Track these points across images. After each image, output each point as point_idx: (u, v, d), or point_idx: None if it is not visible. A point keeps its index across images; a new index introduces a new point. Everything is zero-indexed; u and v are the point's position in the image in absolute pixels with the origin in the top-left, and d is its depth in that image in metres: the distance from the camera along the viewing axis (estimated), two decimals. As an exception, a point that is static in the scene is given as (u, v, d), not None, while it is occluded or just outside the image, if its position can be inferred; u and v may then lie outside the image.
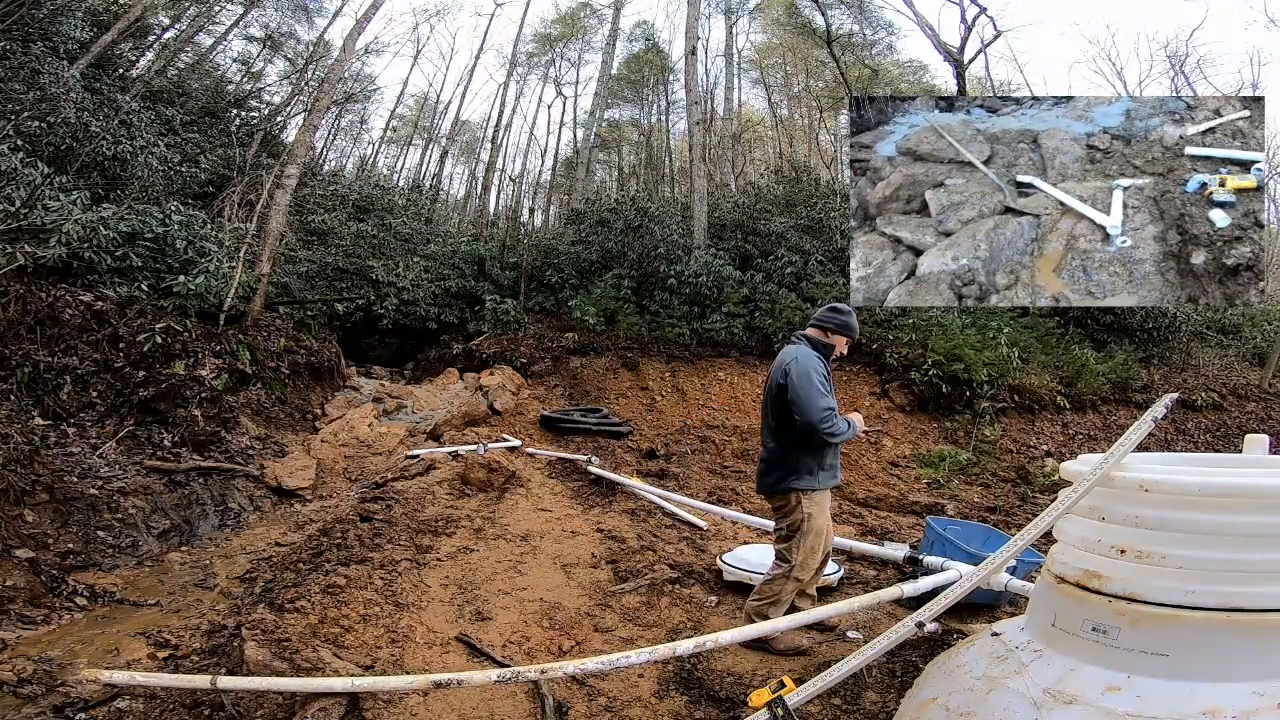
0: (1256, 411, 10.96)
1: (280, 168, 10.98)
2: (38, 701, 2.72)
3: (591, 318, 11.70)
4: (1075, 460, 1.89)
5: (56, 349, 6.07)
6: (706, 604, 3.65)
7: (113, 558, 4.51)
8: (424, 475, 5.98)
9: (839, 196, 13.90)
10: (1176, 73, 17.40)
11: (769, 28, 25.37)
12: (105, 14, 12.61)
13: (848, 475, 8.27)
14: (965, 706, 1.65)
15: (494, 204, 24.75)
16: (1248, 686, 1.40)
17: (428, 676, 2.43)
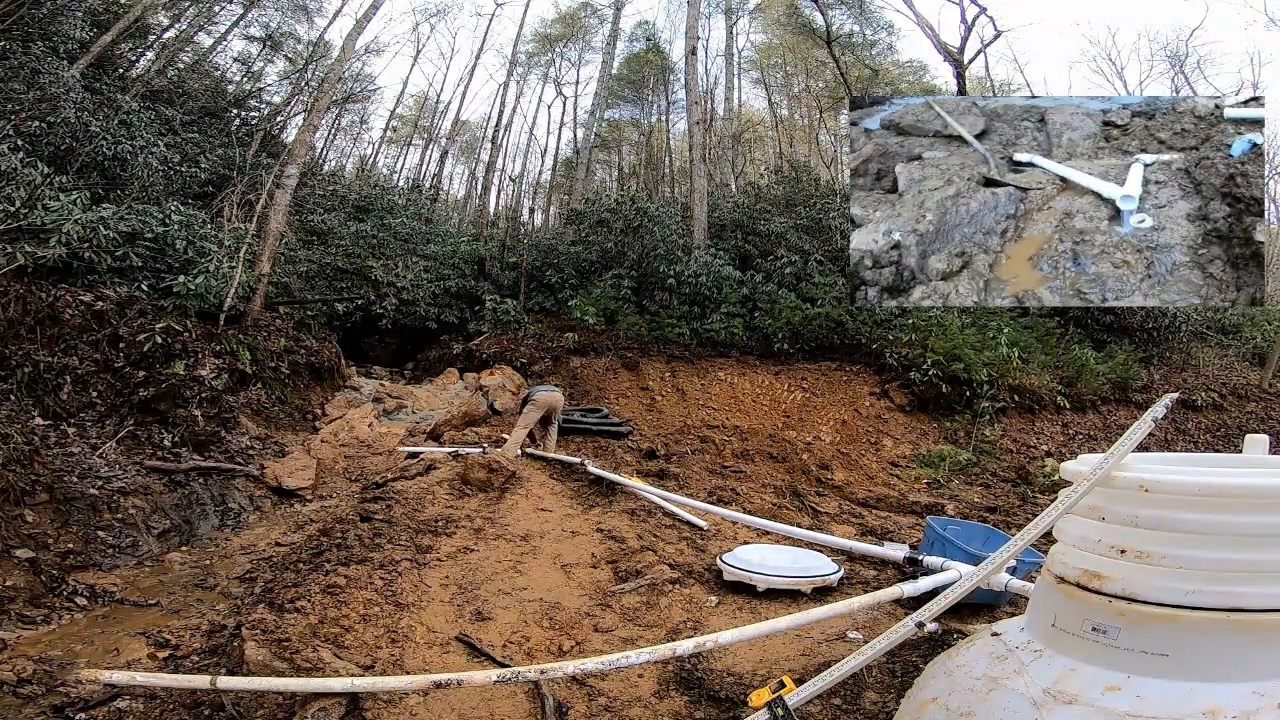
0: (1256, 411, 10.95)
1: (280, 168, 10.98)
2: (38, 701, 2.72)
3: (591, 318, 11.70)
4: (1075, 460, 1.88)
5: (56, 349, 6.07)
6: (706, 604, 3.65)
7: (113, 558, 4.51)
8: (424, 475, 5.98)
9: (839, 196, 13.90)
10: (1176, 73, 17.41)
11: (769, 28, 25.39)
12: (105, 14, 12.61)
13: (848, 475, 8.28)
14: (965, 706, 1.65)
15: (494, 204, 24.79)
16: (1248, 686, 1.40)
17: (428, 676, 2.43)
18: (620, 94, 26.23)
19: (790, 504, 6.38)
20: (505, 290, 14.16)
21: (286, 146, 14.10)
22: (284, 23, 20.13)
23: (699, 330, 11.68)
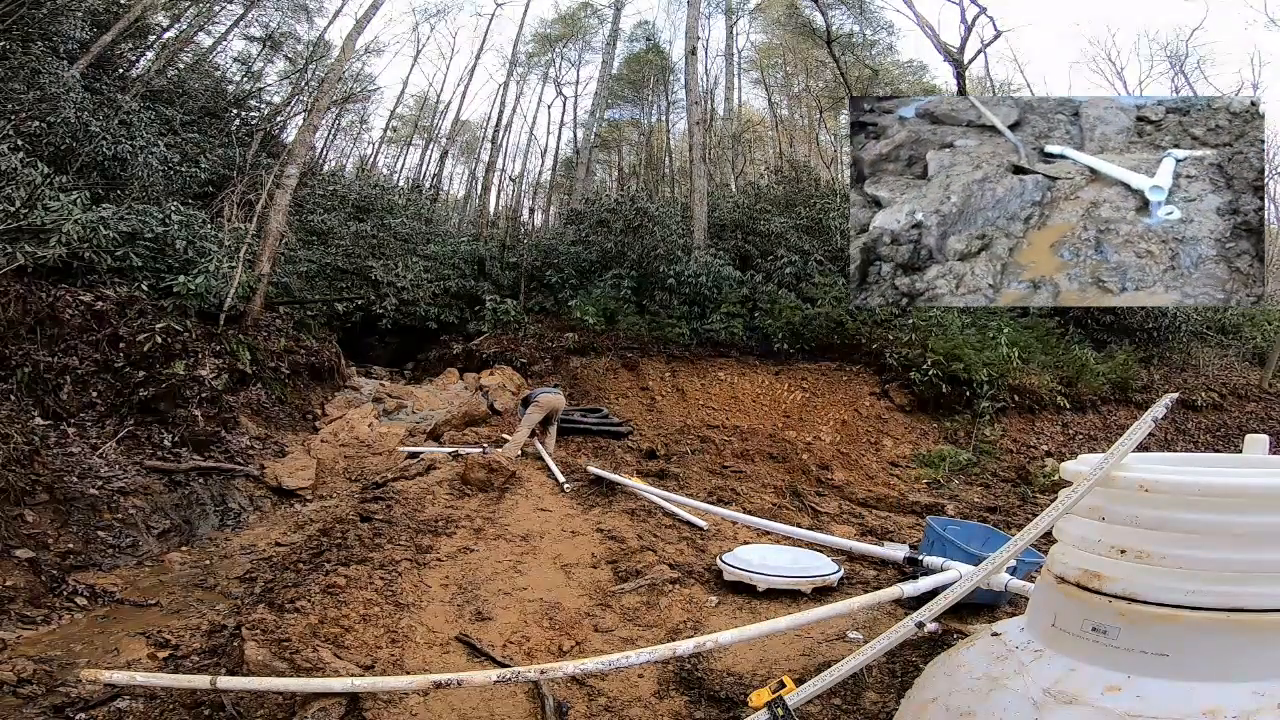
0: (1256, 411, 10.95)
1: (280, 168, 10.98)
2: (38, 701, 2.72)
3: (591, 318, 11.70)
4: (1075, 460, 1.88)
5: (56, 349, 6.07)
6: (706, 604, 3.64)
7: (113, 558, 4.51)
8: (424, 475, 5.98)
9: (839, 196, 13.91)
10: (1176, 73, 17.42)
11: (769, 28, 25.39)
12: (105, 14, 12.61)
13: (848, 475, 8.28)
14: (965, 706, 1.65)
15: (494, 204, 24.79)
16: (1248, 686, 1.40)
17: (428, 676, 2.42)
18: (620, 94, 26.22)
19: (790, 504, 6.38)
20: (505, 290, 14.16)
21: (286, 146, 14.10)
22: (284, 23, 20.15)
23: (699, 330, 11.68)
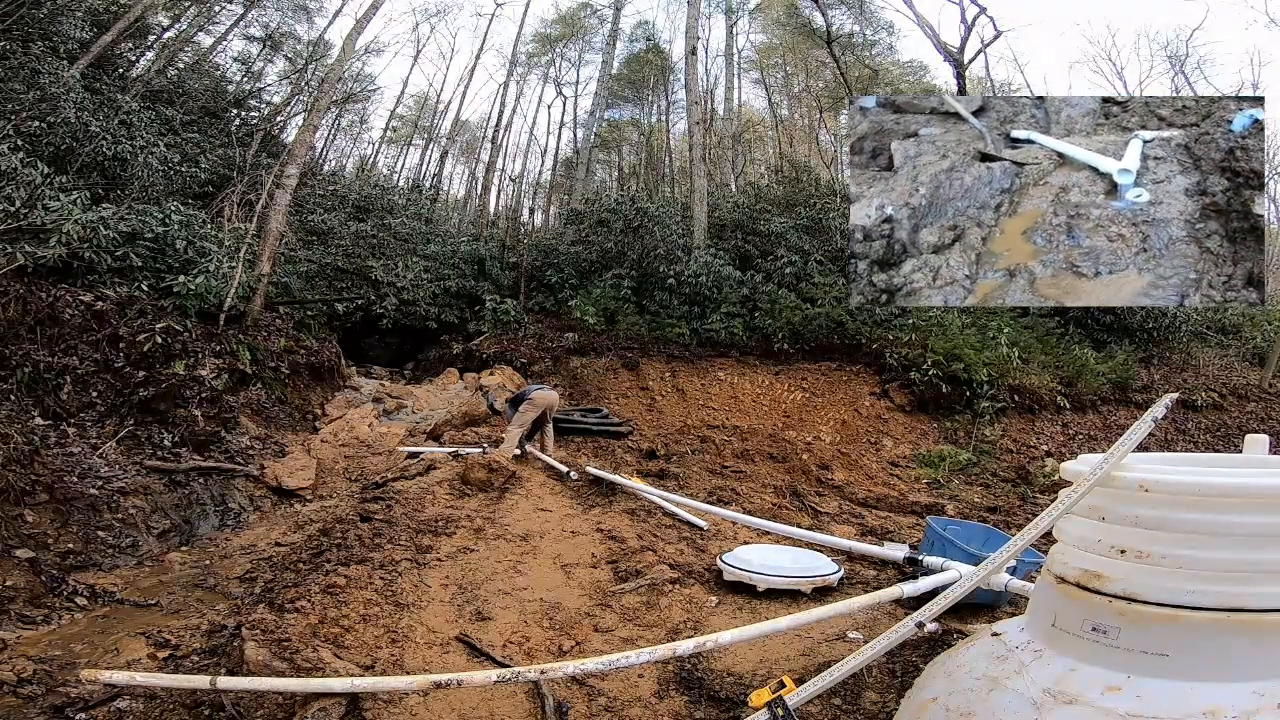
0: (1256, 411, 10.95)
1: (280, 168, 10.98)
2: (38, 701, 2.72)
3: (591, 318, 11.70)
4: (1075, 460, 1.88)
5: (56, 349, 6.07)
6: (706, 604, 3.64)
7: (113, 558, 4.51)
8: (424, 475, 5.98)
9: (839, 196, 13.91)
10: (1176, 73, 17.42)
11: (769, 28, 25.38)
12: (105, 14, 12.62)
13: (848, 475, 8.28)
14: (965, 706, 1.65)
15: (494, 204, 24.79)
16: (1248, 686, 1.40)
17: (428, 676, 2.42)
18: (620, 94, 26.23)
19: (790, 504, 6.38)
20: (505, 290, 14.16)
21: (286, 146, 14.10)
22: (284, 23, 20.17)
23: (699, 330, 11.68)
